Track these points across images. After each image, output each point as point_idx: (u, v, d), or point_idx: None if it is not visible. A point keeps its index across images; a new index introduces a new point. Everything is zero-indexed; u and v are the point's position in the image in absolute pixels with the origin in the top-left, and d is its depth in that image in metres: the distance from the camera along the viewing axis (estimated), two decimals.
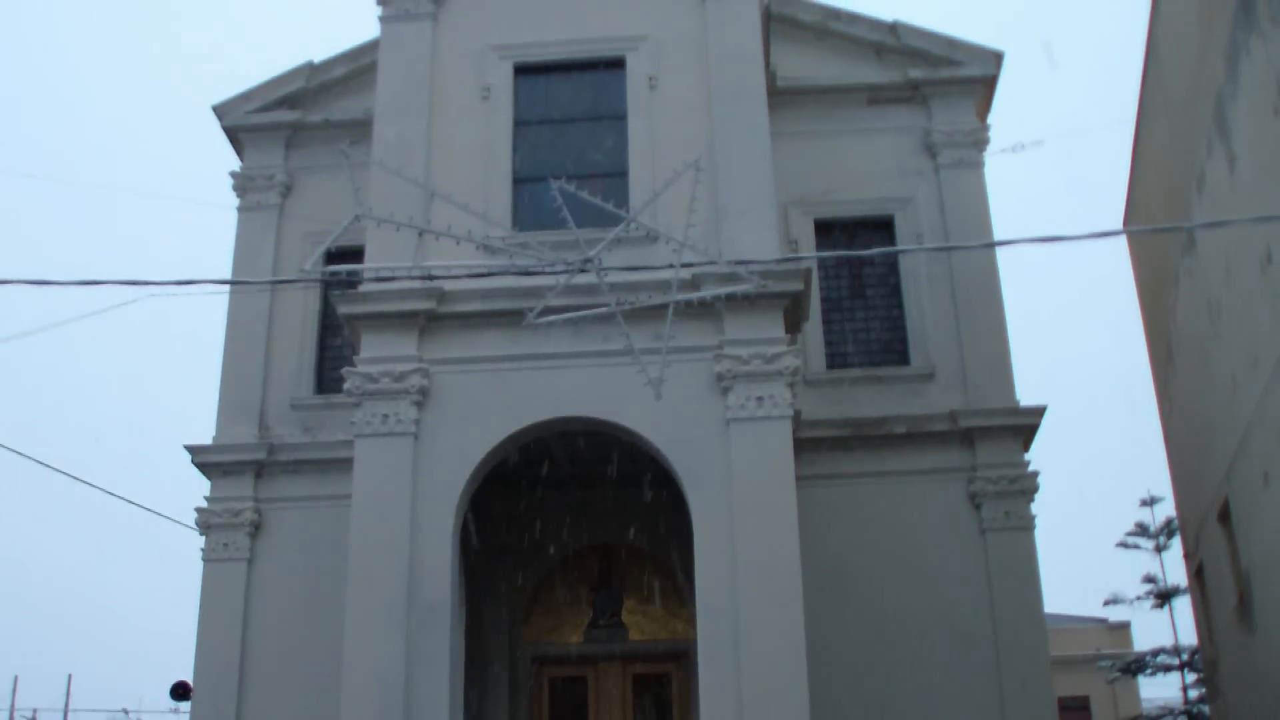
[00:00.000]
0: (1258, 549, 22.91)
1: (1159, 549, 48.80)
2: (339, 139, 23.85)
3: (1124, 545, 49.75)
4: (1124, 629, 59.50)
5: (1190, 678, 47.13)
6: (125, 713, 70.44)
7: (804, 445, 21.36)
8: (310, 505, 22.95)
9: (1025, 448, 22.73)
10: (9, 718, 65.24)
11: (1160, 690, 78.22)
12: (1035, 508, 22.28)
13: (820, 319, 23.63)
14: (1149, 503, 48.88)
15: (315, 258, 14.29)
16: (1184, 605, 44.18)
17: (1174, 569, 49.07)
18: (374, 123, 20.89)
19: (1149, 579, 48.93)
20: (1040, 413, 22.64)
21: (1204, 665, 32.94)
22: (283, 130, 25.90)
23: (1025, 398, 23.00)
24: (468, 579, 20.23)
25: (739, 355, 18.50)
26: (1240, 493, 23.70)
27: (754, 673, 17.04)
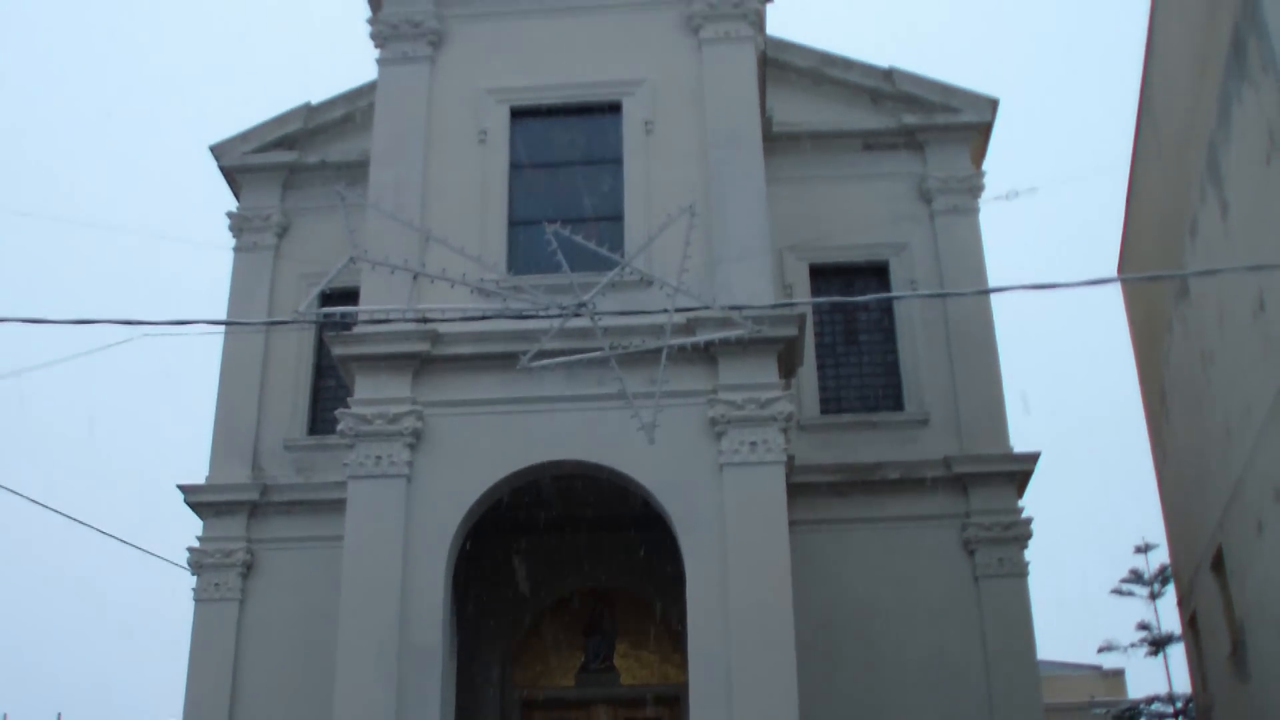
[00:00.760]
0: (1252, 597, 22.87)
1: (1153, 596, 48.68)
2: (336, 180, 24.01)
3: (1118, 592, 49.65)
4: (1118, 676, 59.24)
5: None
6: None
7: (797, 490, 21.32)
8: (302, 546, 22.89)
9: (1019, 494, 22.70)
10: None
11: None
12: (1029, 554, 22.25)
13: (815, 364, 23.65)
14: (1143, 549, 48.74)
15: (310, 299, 14.37)
16: (1178, 653, 44.10)
17: (1168, 616, 48.96)
18: (371, 165, 20.98)
19: (1143, 626, 48.83)
20: (1034, 459, 22.61)
21: (1198, 713, 32.81)
22: (280, 171, 25.97)
23: (1019, 444, 23.03)
24: (459, 622, 20.14)
25: (733, 400, 18.50)
26: (1234, 541, 23.67)
27: (746, 718, 16.97)
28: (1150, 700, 49.14)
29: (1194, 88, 22.27)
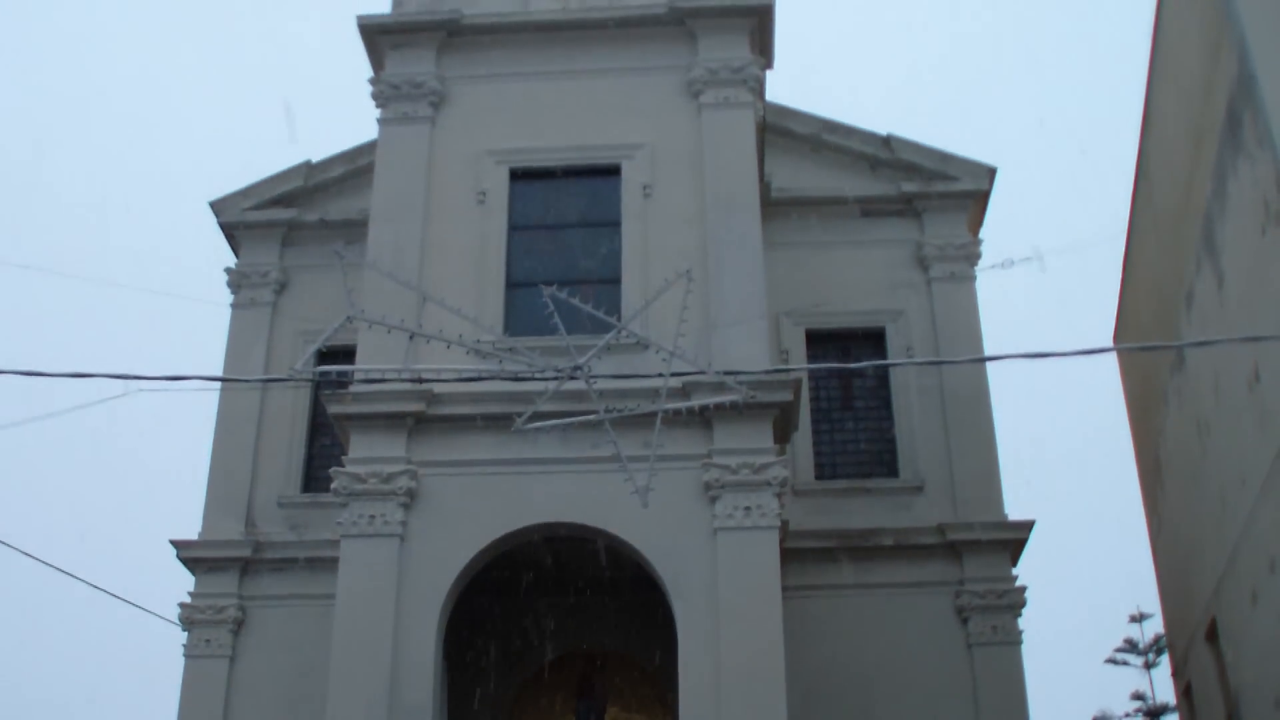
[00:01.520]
0: (1246, 668, 22.75)
1: (1148, 666, 48.40)
2: (334, 238, 24.10)
3: (1113, 661, 49.38)
4: None
5: None
6: None
7: (791, 555, 21.27)
8: (294, 604, 22.84)
9: (1013, 562, 22.66)
10: None
11: None
12: (1023, 622, 22.19)
13: (810, 429, 23.66)
14: (1138, 619, 48.55)
15: (306, 357, 14.34)
16: None
17: (1163, 686, 48.69)
18: (369, 224, 21.03)
19: (1138, 696, 48.50)
20: (1029, 527, 22.58)
21: None
22: (279, 228, 26.07)
23: (1014, 512, 23.02)
24: (450, 683, 20.04)
25: (727, 465, 18.50)
26: (1228, 612, 23.58)
27: None
28: None
29: (1190, 160, 22.38)
